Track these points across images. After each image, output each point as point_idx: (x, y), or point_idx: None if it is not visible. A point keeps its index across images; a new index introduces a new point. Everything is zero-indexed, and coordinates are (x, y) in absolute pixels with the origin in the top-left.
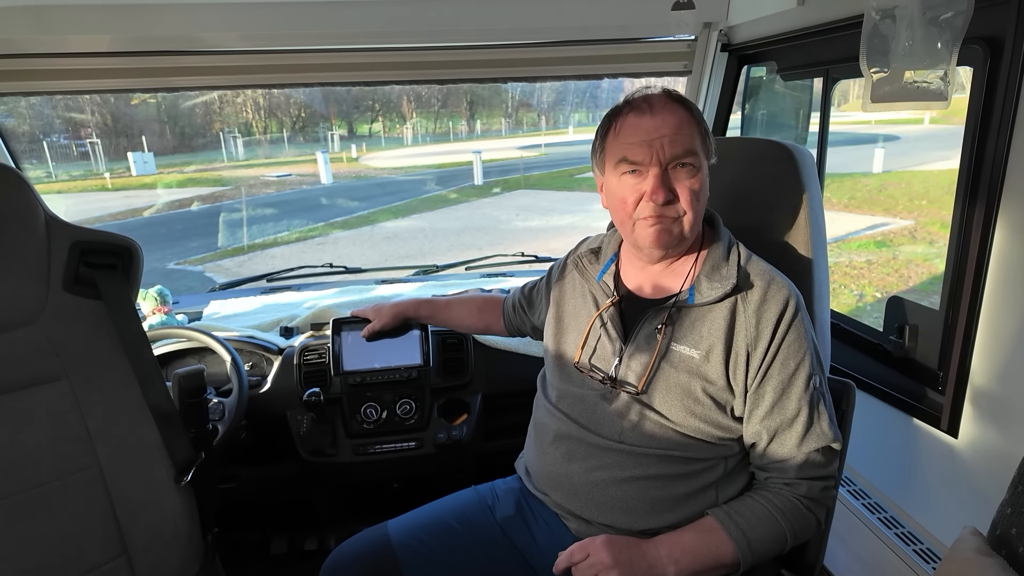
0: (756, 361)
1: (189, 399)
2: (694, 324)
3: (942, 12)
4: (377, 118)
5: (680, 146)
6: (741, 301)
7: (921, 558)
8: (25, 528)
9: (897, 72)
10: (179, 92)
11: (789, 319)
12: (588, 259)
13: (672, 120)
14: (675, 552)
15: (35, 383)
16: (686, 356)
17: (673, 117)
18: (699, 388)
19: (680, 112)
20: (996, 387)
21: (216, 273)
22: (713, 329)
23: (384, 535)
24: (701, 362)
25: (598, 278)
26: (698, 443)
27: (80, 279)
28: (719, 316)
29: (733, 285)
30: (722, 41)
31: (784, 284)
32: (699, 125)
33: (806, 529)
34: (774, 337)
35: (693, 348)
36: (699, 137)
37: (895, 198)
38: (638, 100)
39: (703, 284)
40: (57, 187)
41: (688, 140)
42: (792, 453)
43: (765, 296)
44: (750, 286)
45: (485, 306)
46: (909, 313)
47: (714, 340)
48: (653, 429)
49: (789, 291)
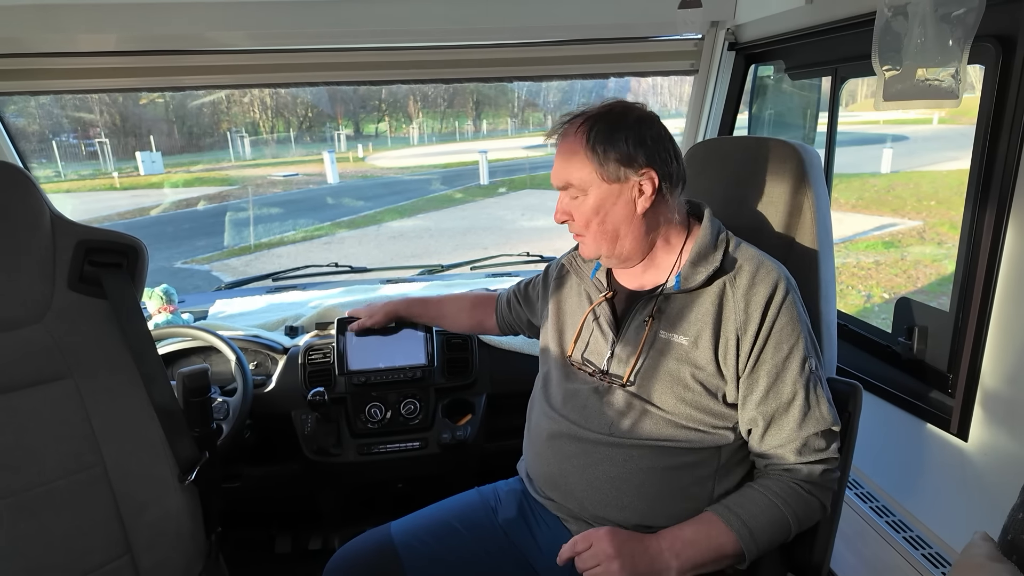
0: (747, 345)
1: (193, 398)
2: (682, 311)
3: (954, 9)
4: (383, 118)
5: (560, 179)
6: (729, 285)
7: (930, 563)
8: (29, 527)
9: (909, 70)
10: (186, 91)
11: (779, 301)
12: (581, 259)
13: (563, 153)
14: (676, 545)
15: (40, 382)
16: (675, 343)
17: (564, 150)
18: (688, 374)
19: (572, 142)
20: (1007, 390)
21: (223, 272)
22: (701, 315)
23: (387, 536)
24: (690, 348)
25: (591, 276)
26: (690, 431)
27: (85, 278)
28: (707, 302)
29: (717, 268)
30: (729, 40)
31: (773, 267)
32: (591, 151)
33: (810, 514)
34: (763, 320)
35: (682, 335)
36: (588, 166)
37: (903, 198)
38: (552, 132)
39: (689, 271)
40: (66, 186)
41: (568, 173)
42: (791, 438)
43: (754, 279)
44: (738, 270)
45: (478, 303)
46: (918, 314)
47: (702, 326)
48: (644, 420)
49: (779, 274)
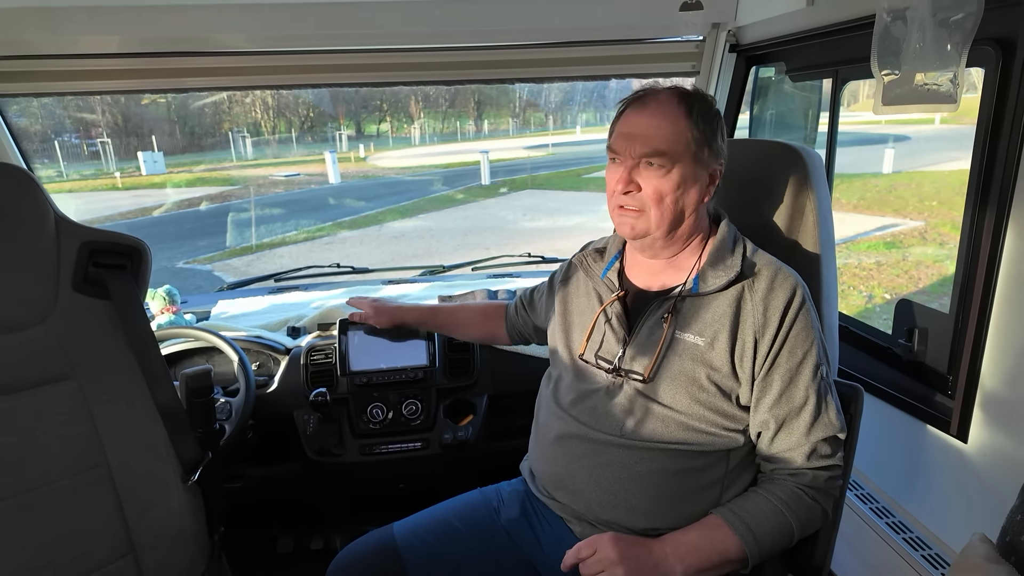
0: (764, 348)
1: (196, 399)
2: (699, 312)
3: (952, 13)
4: (385, 118)
5: (649, 145)
6: (748, 289)
7: (930, 564)
8: (33, 526)
9: (908, 74)
10: (189, 93)
11: (797, 307)
12: (593, 258)
13: (657, 119)
14: (680, 550)
15: (44, 383)
16: (691, 344)
17: (660, 116)
18: (703, 375)
19: (672, 111)
20: (1007, 392)
21: (225, 272)
22: (718, 316)
23: (390, 537)
24: (706, 349)
25: (602, 275)
26: (702, 434)
27: (89, 279)
28: (724, 304)
29: (737, 272)
30: (730, 42)
31: (791, 274)
32: (693, 127)
33: (813, 520)
34: (782, 324)
35: (698, 336)
36: (684, 139)
37: (905, 199)
38: (640, 95)
39: (708, 273)
40: (68, 186)
41: (662, 141)
42: (800, 442)
43: (772, 285)
44: (756, 275)
45: (488, 313)
46: (918, 316)
47: (719, 327)
48: (656, 421)
49: (796, 281)
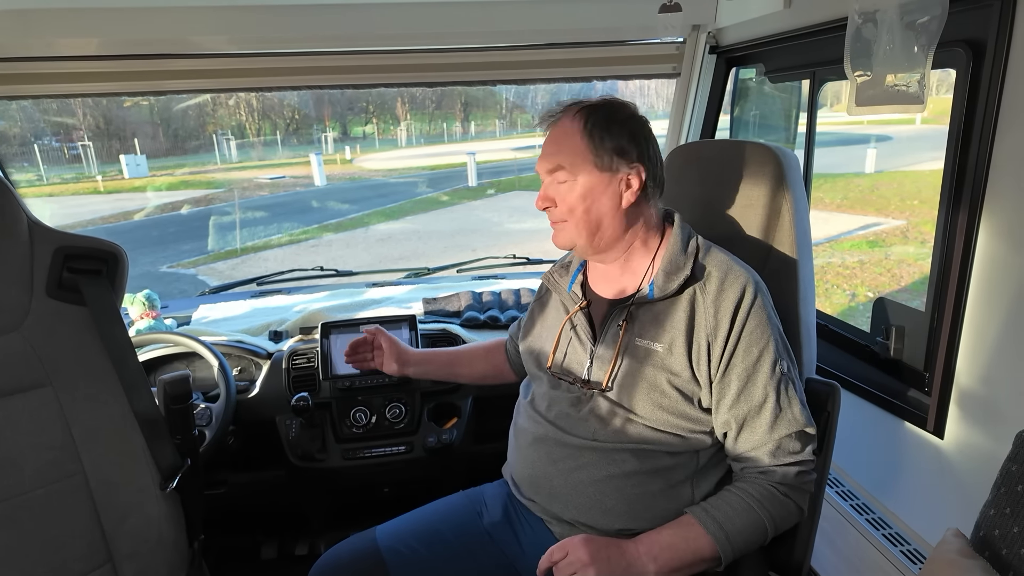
0: (718, 351)
1: (174, 405)
2: (657, 318)
3: (918, 16)
4: (371, 120)
5: (552, 161)
6: (699, 292)
7: (908, 559)
8: (8, 537)
9: (880, 75)
10: (170, 95)
11: (748, 306)
12: (559, 273)
13: (555, 135)
14: (653, 549)
15: (18, 390)
16: (650, 350)
17: (558, 132)
18: (664, 381)
19: (567, 126)
20: (980, 388)
21: (209, 276)
22: (675, 322)
23: (372, 541)
24: (665, 355)
25: (568, 288)
26: (669, 436)
27: (64, 285)
28: (680, 309)
29: (687, 276)
30: (710, 43)
31: (742, 271)
32: (588, 137)
33: (787, 517)
34: (733, 325)
35: (656, 342)
36: (580, 149)
37: (887, 198)
38: (544, 117)
39: (661, 279)
40: (48, 190)
41: (559, 155)
42: (763, 440)
43: (722, 286)
44: (708, 276)
45: (491, 350)
46: (895, 314)
47: (676, 333)
48: (624, 425)
49: (747, 278)
